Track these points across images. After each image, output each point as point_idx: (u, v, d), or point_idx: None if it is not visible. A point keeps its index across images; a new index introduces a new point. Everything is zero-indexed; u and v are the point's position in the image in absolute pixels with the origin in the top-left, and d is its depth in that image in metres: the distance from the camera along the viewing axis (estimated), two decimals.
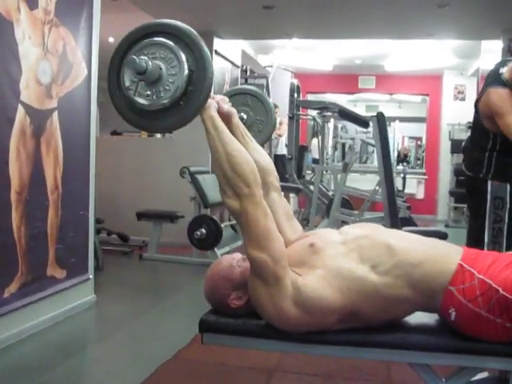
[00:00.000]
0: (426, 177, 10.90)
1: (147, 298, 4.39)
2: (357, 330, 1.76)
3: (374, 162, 14.31)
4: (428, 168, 11.13)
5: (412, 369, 1.83)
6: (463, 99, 10.35)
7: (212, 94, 1.78)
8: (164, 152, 6.53)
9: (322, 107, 6.82)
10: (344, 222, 6.01)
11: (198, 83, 1.66)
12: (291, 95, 7.06)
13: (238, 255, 1.92)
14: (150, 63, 1.63)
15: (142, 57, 1.64)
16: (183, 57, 1.66)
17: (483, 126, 3.03)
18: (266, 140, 2.39)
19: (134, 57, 1.63)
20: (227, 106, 1.90)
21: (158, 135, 7.50)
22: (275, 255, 1.68)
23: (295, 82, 7.29)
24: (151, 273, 5.43)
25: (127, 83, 1.68)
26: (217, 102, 1.82)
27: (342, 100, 12.13)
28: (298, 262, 1.76)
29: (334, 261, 1.73)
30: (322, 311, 1.69)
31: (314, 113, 7.78)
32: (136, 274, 5.25)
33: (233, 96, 2.28)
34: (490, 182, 3.05)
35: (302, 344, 1.79)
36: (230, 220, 5.97)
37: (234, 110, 1.96)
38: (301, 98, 7.32)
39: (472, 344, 1.74)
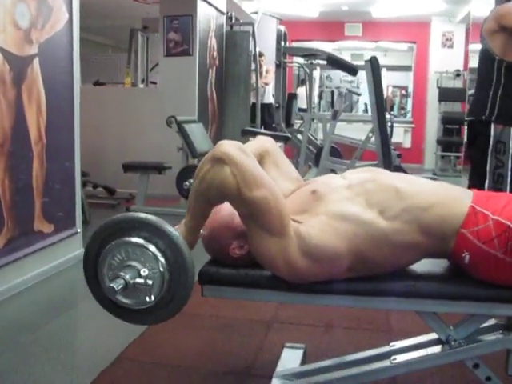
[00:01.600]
0: (412, 125, 10.82)
1: None
2: (363, 278, 1.69)
3: (359, 111, 14.29)
4: (415, 117, 11.05)
5: (420, 317, 1.77)
6: (451, 46, 10.23)
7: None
8: (149, 102, 6.36)
9: (310, 54, 6.70)
10: (333, 171, 5.96)
11: (179, 273, 1.58)
12: (278, 42, 6.90)
13: None
14: (127, 277, 1.54)
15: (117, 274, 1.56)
16: (157, 252, 1.56)
17: (489, 53, 2.95)
18: None
19: (112, 285, 1.52)
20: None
21: (141, 85, 7.31)
22: (274, 190, 1.59)
23: (282, 28, 7.12)
24: None
25: (107, 285, 1.57)
26: None
27: (327, 49, 11.89)
28: (299, 209, 1.67)
29: (339, 205, 1.65)
30: (330, 259, 1.61)
31: (300, 61, 7.61)
32: None
33: None
34: (493, 126, 2.97)
35: (309, 294, 1.73)
36: None
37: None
38: (288, 45, 7.15)
39: (483, 290, 1.68)
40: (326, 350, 2.38)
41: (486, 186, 3.01)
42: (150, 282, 1.54)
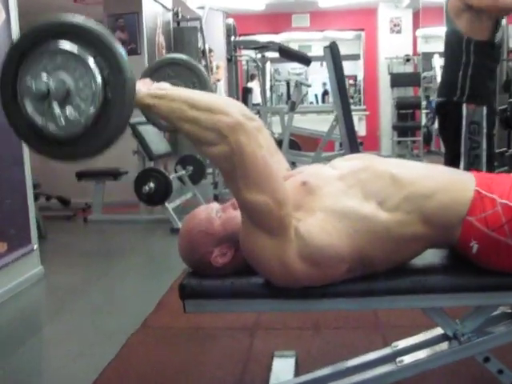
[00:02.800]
0: (366, 113, 10.79)
1: (99, 263, 4.05)
2: (365, 278, 1.53)
3: (307, 103, 14.26)
4: (368, 104, 11.04)
5: (425, 314, 1.62)
6: (399, 32, 10.27)
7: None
8: None
9: (262, 46, 6.55)
10: (294, 164, 5.83)
11: (117, 91, 1.30)
12: (228, 36, 6.72)
13: (215, 205, 1.62)
14: (50, 82, 1.26)
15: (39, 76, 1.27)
16: (91, 61, 1.28)
17: (456, 33, 2.89)
18: None
19: (29, 84, 1.26)
20: (154, 85, 1.52)
21: None
22: (280, 198, 1.40)
23: (231, 21, 6.94)
24: (99, 236, 5.09)
25: (29, 110, 1.29)
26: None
27: (275, 41, 11.78)
28: (292, 205, 1.49)
29: (335, 200, 1.47)
30: (331, 261, 1.44)
31: (251, 54, 7.45)
32: (83, 239, 4.90)
33: (152, 75, 1.96)
34: (465, 106, 2.89)
35: (305, 300, 1.56)
36: (176, 172, 5.66)
37: (163, 84, 1.58)
38: (239, 39, 6.99)
39: (491, 279, 1.55)
40: (319, 355, 2.22)
41: (462, 167, 2.91)
42: (81, 104, 1.28)
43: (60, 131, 1.29)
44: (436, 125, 9.17)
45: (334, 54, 4.22)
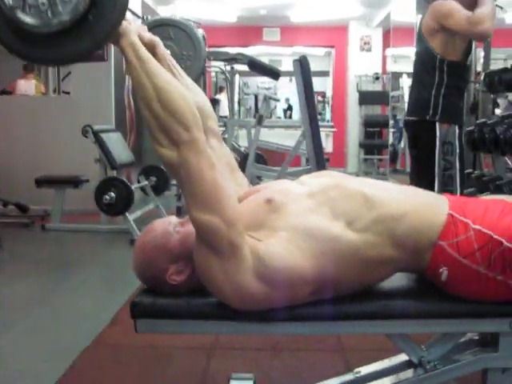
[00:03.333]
0: (334, 129, 10.80)
1: (54, 274, 3.89)
2: (327, 301, 1.44)
3: (277, 115, 14.27)
4: (335, 121, 11.06)
5: (389, 339, 1.55)
6: (369, 50, 10.33)
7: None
8: (62, 111, 5.97)
9: (231, 58, 6.49)
10: (259, 178, 5.76)
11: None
12: None
13: (173, 218, 1.52)
14: None
15: None
16: None
17: (430, 52, 2.87)
18: (196, 78, 1.99)
19: None
20: (149, 34, 1.51)
21: (53, 94, 6.86)
22: (228, 217, 1.30)
23: (201, 32, 6.86)
24: (56, 245, 4.93)
25: (8, 2, 1.14)
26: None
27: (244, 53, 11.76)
28: (253, 224, 1.39)
29: (302, 218, 1.38)
30: (293, 284, 1.35)
31: (221, 66, 7.37)
32: (39, 248, 4.70)
33: (151, 29, 1.86)
34: (438, 126, 2.88)
35: (263, 323, 1.46)
36: (138, 182, 5.54)
37: (157, 39, 1.57)
38: (209, 50, 6.91)
39: (459, 306, 1.48)
40: (278, 379, 2.13)
41: (436, 188, 2.88)
42: None
43: (39, 27, 1.16)
44: (402, 144, 9.25)
45: (303, 68, 4.17)
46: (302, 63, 4.13)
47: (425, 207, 1.47)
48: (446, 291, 1.48)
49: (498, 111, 6.20)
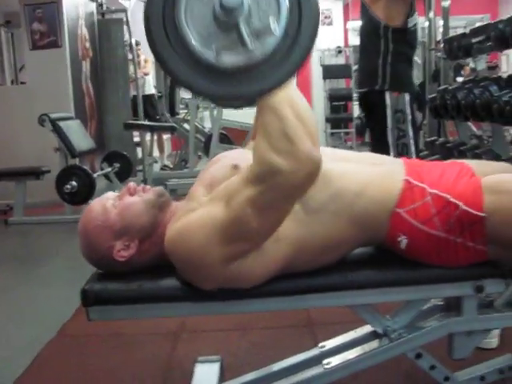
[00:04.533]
0: None
1: (19, 268, 3.81)
2: (288, 276, 1.40)
3: None
4: None
5: (353, 311, 1.51)
6: (330, 24, 10.29)
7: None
8: (18, 102, 5.80)
9: None
10: None
11: (305, 16, 1.01)
12: None
13: (110, 194, 1.46)
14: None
15: None
16: None
17: (373, 20, 2.87)
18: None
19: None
20: None
21: (11, 85, 6.69)
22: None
23: None
24: (20, 239, 4.81)
25: (194, 37, 0.98)
26: None
27: None
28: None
29: None
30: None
31: None
32: (3, 243, 4.59)
33: None
34: (388, 95, 2.87)
35: (224, 302, 1.42)
36: (101, 169, 5.43)
37: None
38: None
39: (422, 272, 1.47)
40: (246, 359, 2.09)
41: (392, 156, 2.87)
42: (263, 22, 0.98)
43: (240, 63, 0.99)
44: None
45: None
46: None
47: (382, 176, 1.42)
48: (407, 259, 1.45)
49: (460, 79, 6.23)
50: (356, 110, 9.54)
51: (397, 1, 2.78)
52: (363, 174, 1.41)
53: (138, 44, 7.25)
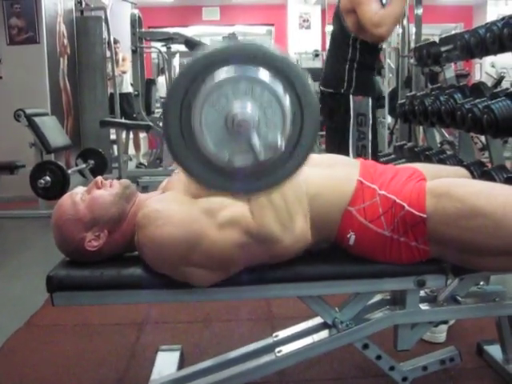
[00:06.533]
0: None
1: None
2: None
3: None
4: None
5: (303, 302, 1.61)
6: (308, 27, 10.40)
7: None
8: None
9: (167, 38, 6.46)
10: None
11: (307, 121, 1.11)
12: (133, 27, 6.57)
13: (79, 189, 1.55)
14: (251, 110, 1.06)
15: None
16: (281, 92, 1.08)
17: (344, 29, 2.95)
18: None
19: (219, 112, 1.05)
20: None
21: None
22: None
23: (136, 12, 6.79)
24: None
25: (208, 142, 1.07)
26: None
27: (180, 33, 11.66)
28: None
29: None
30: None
31: (159, 47, 7.31)
32: None
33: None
34: (352, 98, 2.99)
35: (187, 290, 1.49)
36: (77, 165, 5.47)
37: None
38: (144, 30, 6.84)
39: (368, 267, 1.57)
40: (206, 348, 2.17)
41: (351, 157, 2.98)
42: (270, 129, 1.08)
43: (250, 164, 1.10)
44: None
45: None
46: (232, 40, 4.14)
47: (338, 177, 1.53)
48: (354, 255, 1.55)
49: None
50: None
51: (365, 32, 2.86)
52: (320, 177, 1.52)
53: (116, 42, 7.28)
